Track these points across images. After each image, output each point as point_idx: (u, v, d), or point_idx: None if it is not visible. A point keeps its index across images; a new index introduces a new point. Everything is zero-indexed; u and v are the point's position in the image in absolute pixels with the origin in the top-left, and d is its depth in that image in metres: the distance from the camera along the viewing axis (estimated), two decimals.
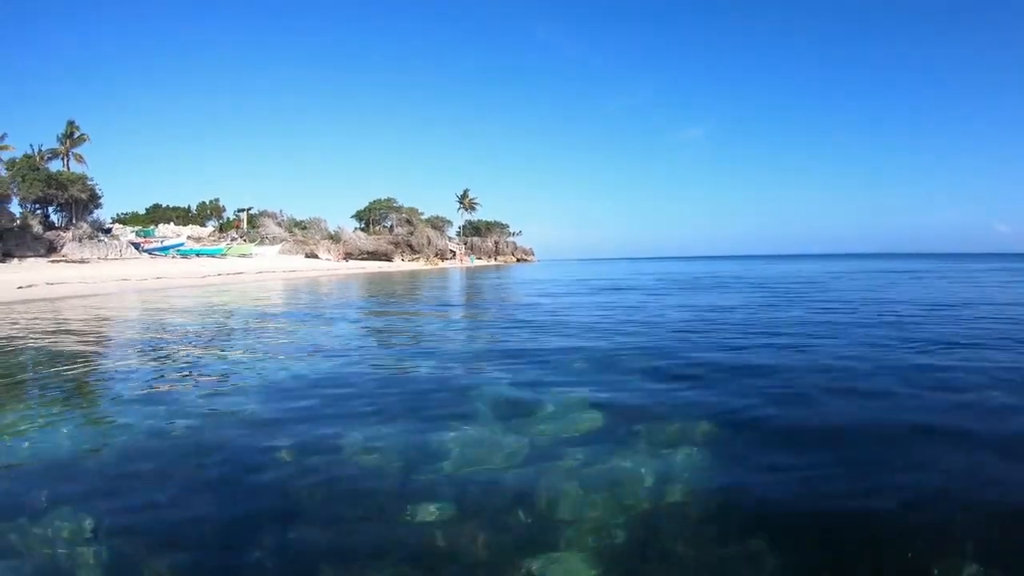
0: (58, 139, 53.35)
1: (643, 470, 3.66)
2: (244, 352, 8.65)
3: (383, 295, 22.95)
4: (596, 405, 5.12)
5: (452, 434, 4.36)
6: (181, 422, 4.86)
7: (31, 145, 51.46)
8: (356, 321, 13.34)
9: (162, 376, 6.94)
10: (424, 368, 7.05)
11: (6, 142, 48.40)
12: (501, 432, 4.45)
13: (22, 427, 4.85)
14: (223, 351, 8.81)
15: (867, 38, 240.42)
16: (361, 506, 3.24)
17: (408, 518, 3.08)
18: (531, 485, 3.41)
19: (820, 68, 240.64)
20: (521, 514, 3.10)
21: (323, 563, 2.68)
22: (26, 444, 4.41)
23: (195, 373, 7.05)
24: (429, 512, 3.11)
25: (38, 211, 48.97)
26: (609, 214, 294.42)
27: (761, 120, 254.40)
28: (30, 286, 25.97)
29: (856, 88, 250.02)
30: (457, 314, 15.30)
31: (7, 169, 46.93)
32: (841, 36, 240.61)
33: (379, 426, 4.62)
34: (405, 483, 3.53)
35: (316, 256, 68.25)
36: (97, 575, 2.71)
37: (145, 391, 6.09)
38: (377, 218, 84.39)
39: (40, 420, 5.06)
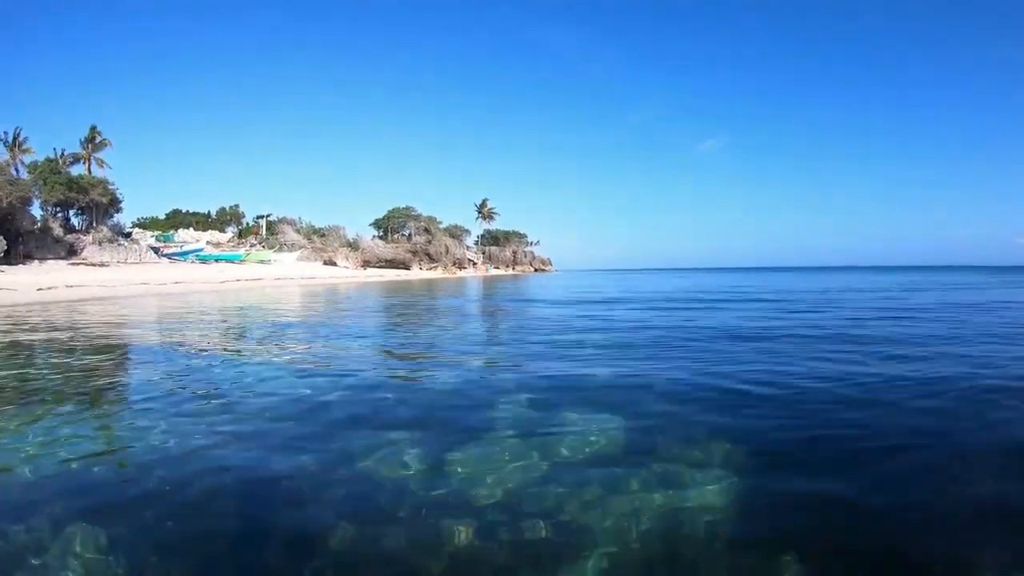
0: (80, 143, 53.48)
1: None
2: (260, 361, 8.27)
3: (400, 306, 21.75)
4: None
5: (471, 450, 4.15)
6: (196, 432, 4.61)
7: (54, 149, 51.64)
8: (374, 334, 12.55)
9: (175, 384, 6.54)
10: (442, 385, 6.48)
11: (28, 145, 48.58)
12: (522, 449, 4.18)
13: (30, 433, 4.63)
14: (237, 360, 8.42)
15: (889, 46, 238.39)
16: (379, 521, 3.10)
17: (428, 534, 2.96)
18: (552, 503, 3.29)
19: (835, 77, 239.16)
20: (542, 531, 2.98)
21: None
22: (33, 451, 4.19)
23: (208, 381, 6.74)
24: (450, 528, 2.99)
25: (59, 214, 48.84)
26: (626, 226, 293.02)
27: (778, 131, 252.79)
28: (50, 288, 25.73)
29: (875, 97, 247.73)
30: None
31: (29, 172, 46.92)
32: (862, 44, 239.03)
33: (396, 441, 4.35)
34: (424, 498, 3.37)
35: (334, 263, 67.82)
36: None
37: (159, 399, 5.77)
38: (395, 226, 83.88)
39: (48, 425, 4.86)
